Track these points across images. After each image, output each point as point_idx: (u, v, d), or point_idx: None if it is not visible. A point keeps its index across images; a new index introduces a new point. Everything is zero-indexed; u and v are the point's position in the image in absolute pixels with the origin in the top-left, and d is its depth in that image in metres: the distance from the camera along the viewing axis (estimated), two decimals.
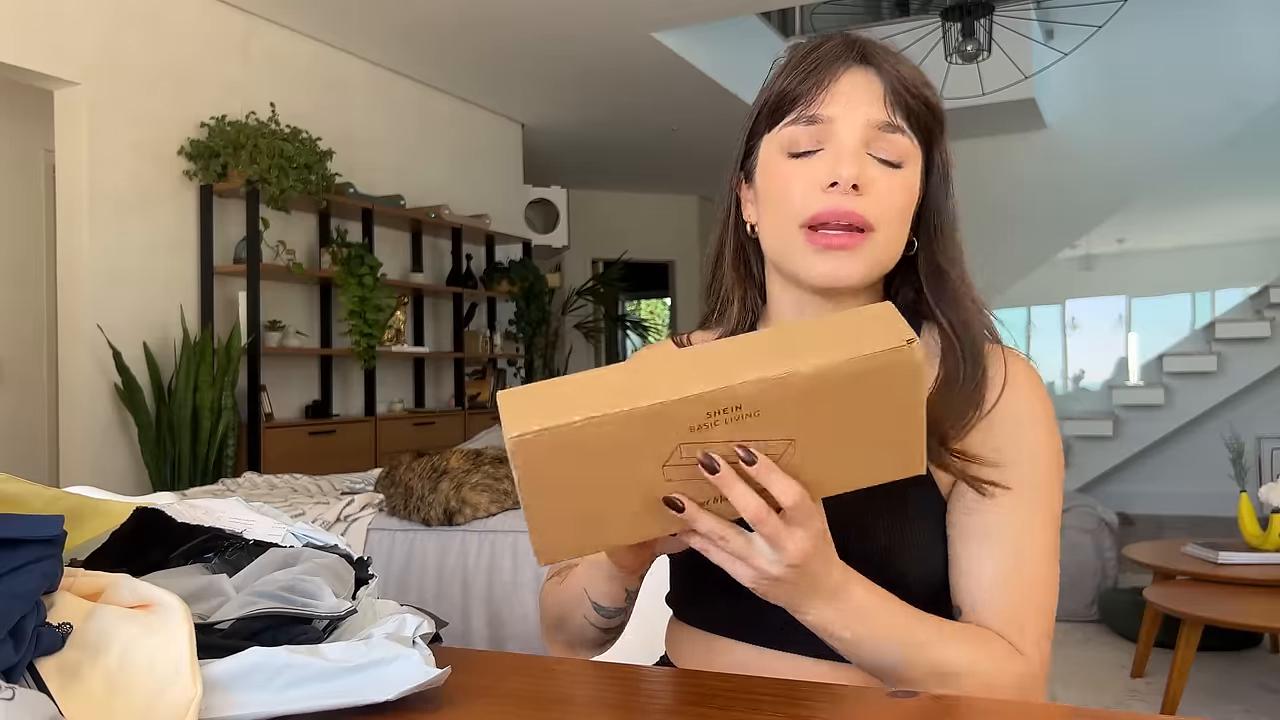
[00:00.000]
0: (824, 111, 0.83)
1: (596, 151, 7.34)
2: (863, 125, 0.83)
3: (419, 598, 2.42)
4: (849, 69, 0.84)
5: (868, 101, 0.83)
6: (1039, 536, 0.83)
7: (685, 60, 5.33)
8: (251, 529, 0.84)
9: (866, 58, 0.85)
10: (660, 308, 11.74)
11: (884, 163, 0.83)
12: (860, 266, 0.83)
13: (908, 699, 0.69)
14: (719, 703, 0.68)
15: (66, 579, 0.66)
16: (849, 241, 0.82)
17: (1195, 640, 2.84)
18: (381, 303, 4.65)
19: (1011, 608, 0.80)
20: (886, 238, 0.83)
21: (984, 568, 0.82)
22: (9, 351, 4.56)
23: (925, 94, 0.85)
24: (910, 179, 0.85)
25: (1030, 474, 0.84)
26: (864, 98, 0.83)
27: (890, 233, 0.84)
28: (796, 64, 0.86)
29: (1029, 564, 0.82)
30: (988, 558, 0.82)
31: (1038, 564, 0.82)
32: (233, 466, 4.08)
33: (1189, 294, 8.07)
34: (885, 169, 0.83)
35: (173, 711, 0.59)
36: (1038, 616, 0.81)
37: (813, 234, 0.83)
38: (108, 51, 3.92)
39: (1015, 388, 0.86)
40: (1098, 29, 5.43)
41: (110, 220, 3.92)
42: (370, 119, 5.27)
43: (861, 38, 0.87)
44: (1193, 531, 5.73)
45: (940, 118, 0.87)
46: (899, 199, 0.83)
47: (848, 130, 0.83)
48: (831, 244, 0.82)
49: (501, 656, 0.81)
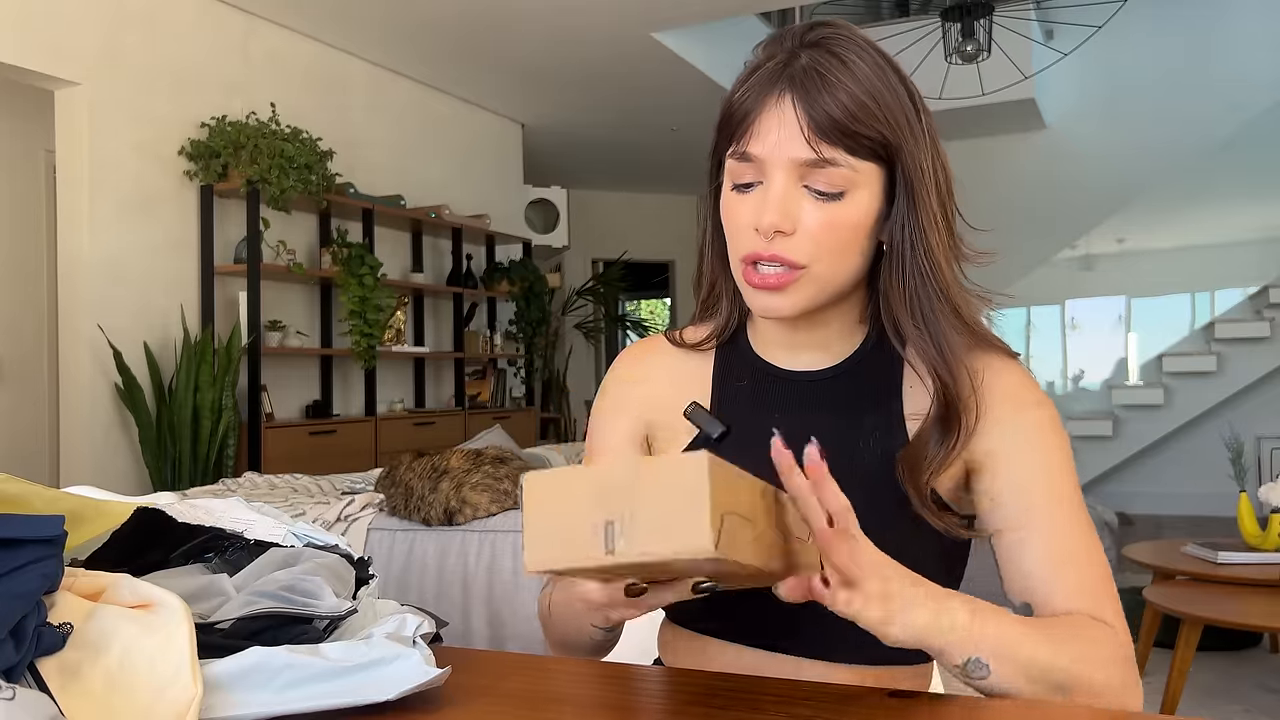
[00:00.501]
0: (752, 150, 0.81)
1: (596, 151, 7.34)
2: (786, 165, 0.80)
3: (419, 598, 2.42)
4: (776, 101, 0.80)
5: (790, 140, 0.79)
6: (1075, 516, 0.83)
7: (685, 60, 5.33)
8: (252, 529, 0.84)
9: (798, 83, 0.79)
10: (660, 308, 11.74)
11: (821, 194, 0.80)
12: (794, 300, 0.83)
13: (908, 699, 0.69)
14: (719, 702, 0.68)
15: (67, 579, 0.66)
16: (779, 282, 0.82)
17: (1195, 640, 2.84)
18: (382, 303, 4.65)
19: (1083, 587, 0.80)
20: (821, 270, 0.82)
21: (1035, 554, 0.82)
22: (9, 351, 4.56)
23: (870, 117, 0.79)
24: (853, 207, 0.81)
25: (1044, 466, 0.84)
26: (787, 136, 0.79)
27: (827, 264, 0.82)
28: (741, 81, 0.84)
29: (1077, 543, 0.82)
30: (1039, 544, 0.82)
31: (1083, 541, 0.82)
32: (233, 466, 4.08)
33: (1188, 294, 8.06)
34: (820, 202, 0.81)
35: (173, 711, 0.59)
36: (1107, 588, 0.81)
37: (750, 270, 0.83)
38: (108, 51, 3.92)
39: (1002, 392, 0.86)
40: (1097, 29, 5.43)
41: (110, 220, 3.92)
42: (370, 119, 5.27)
43: (800, 59, 0.81)
44: (1192, 531, 5.73)
45: (899, 132, 0.81)
46: (836, 232, 0.81)
47: (773, 170, 0.81)
48: (765, 283, 0.82)
49: (501, 656, 0.81)
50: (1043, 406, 0.87)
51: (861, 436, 0.87)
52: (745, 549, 0.59)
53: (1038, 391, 0.88)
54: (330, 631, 0.73)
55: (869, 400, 0.89)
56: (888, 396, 0.89)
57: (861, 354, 0.91)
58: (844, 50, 0.81)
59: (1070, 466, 0.85)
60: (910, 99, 0.83)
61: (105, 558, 0.81)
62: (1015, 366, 0.88)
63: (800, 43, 0.83)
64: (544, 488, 0.59)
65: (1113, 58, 6.48)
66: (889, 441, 0.87)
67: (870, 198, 0.82)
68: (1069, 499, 0.83)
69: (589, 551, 0.56)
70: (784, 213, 0.80)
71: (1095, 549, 0.82)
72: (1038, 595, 0.82)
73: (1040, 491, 0.83)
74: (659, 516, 0.56)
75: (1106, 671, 0.75)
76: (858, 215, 0.82)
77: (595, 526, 0.56)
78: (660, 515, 0.56)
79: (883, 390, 0.89)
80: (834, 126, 0.79)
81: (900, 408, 0.88)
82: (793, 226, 0.81)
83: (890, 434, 0.87)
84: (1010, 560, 0.84)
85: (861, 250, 0.84)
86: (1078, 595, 0.80)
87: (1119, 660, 0.76)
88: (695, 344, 0.97)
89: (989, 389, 0.85)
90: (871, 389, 0.89)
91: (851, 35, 0.82)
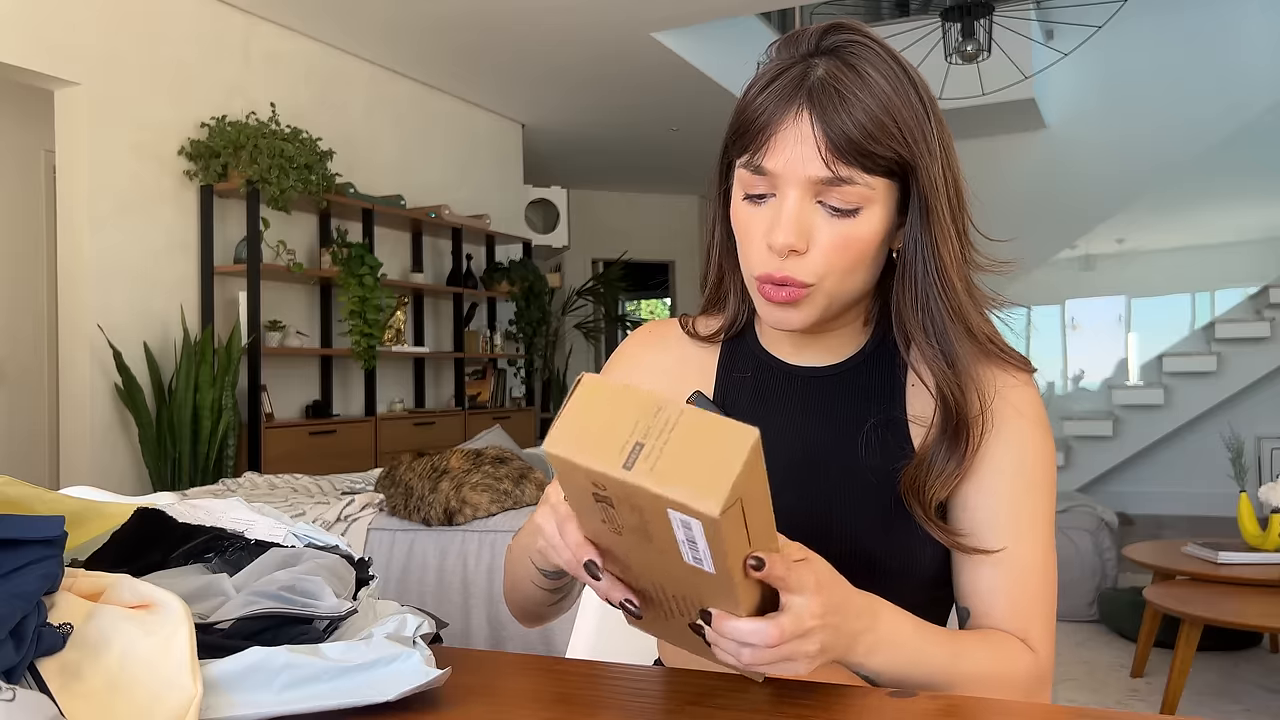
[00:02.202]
0: (767, 164, 0.81)
1: (596, 151, 7.34)
2: (802, 182, 0.80)
3: (419, 598, 2.42)
4: (794, 117, 0.79)
5: (806, 159, 0.79)
6: (1038, 538, 0.86)
7: (685, 60, 5.33)
8: (252, 529, 0.84)
9: (815, 100, 0.79)
10: (660, 308, 11.74)
11: (835, 211, 0.81)
12: (806, 315, 0.84)
13: (908, 699, 0.69)
14: (719, 702, 0.68)
15: (67, 579, 0.66)
16: (789, 298, 0.83)
17: (1195, 640, 2.85)
18: (382, 303, 4.66)
19: (1019, 608, 0.84)
20: (832, 287, 0.83)
21: (989, 571, 0.85)
22: (9, 351, 4.56)
23: (886, 135, 0.79)
24: (867, 224, 0.81)
25: (1023, 477, 0.86)
26: (804, 155, 0.79)
27: (837, 280, 0.83)
28: (759, 89, 0.82)
29: (1031, 565, 0.85)
30: (991, 562, 0.85)
31: (1039, 564, 0.85)
32: (233, 466, 4.09)
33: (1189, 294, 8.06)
34: (834, 219, 0.81)
35: (173, 711, 0.59)
36: (1044, 614, 0.84)
37: (762, 285, 0.84)
38: (108, 51, 3.92)
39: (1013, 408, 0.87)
40: (1097, 29, 5.43)
41: (110, 220, 3.92)
42: (370, 119, 5.28)
43: (817, 70, 0.80)
44: (1192, 531, 5.73)
45: (914, 149, 0.80)
46: (849, 250, 0.81)
47: (787, 187, 0.80)
48: (774, 299, 0.83)
49: (501, 656, 0.81)
50: (1039, 427, 0.88)
51: (862, 433, 0.89)
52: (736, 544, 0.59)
53: (1041, 412, 0.89)
54: (330, 632, 0.73)
55: (871, 398, 0.90)
56: (890, 395, 0.90)
57: (865, 353, 0.91)
58: (861, 62, 0.80)
59: (1051, 491, 0.87)
60: (925, 109, 0.82)
61: (105, 558, 0.81)
62: (1026, 383, 0.89)
63: (816, 49, 0.82)
64: (598, 390, 0.60)
65: (1113, 58, 6.48)
66: (890, 439, 0.88)
67: (883, 212, 0.82)
68: (1041, 523, 0.86)
69: (608, 459, 0.58)
70: (798, 232, 0.80)
71: (1049, 573, 0.85)
72: (978, 608, 0.85)
73: (1012, 511, 0.85)
74: (685, 463, 0.57)
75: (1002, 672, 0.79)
76: (871, 231, 0.82)
77: (625, 443, 0.58)
78: (687, 462, 0.57)
79: (885, 389, 0.90)
80: (851, 146, 0.78)
81: (903, 407, 0.89)
82: (806, 245, 0.81)
83: (891, 432, 0.88)
84: (964, 567, 0.86)
85: (874, 263, 0.85)
86: (1013, 618, 0.84)
87: (1026, 682, 0.81)
88: (706, 336, 0.98)
89: (1000, 403, 0.87)
90: (874, 387, 0.90)
91: (868, 42, 0.82)
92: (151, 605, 0.65)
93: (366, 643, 0.68)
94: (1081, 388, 8.08)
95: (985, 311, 0.88)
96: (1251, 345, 6.42)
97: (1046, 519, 0.86)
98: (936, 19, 5.19)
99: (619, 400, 0.60)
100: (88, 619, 0.63)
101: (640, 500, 0.58)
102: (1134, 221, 7.12)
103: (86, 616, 0.63)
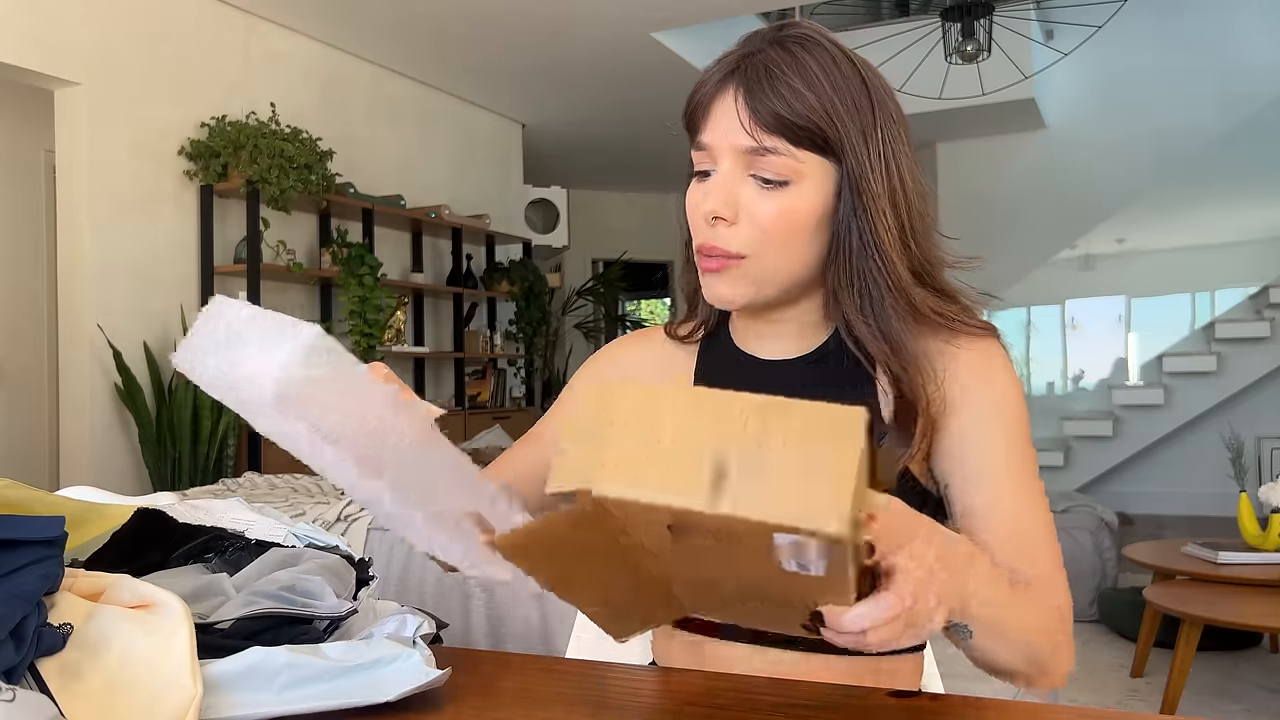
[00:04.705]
0: (704, 138, 0.85)
1: (596, 151, 7.34)
2: (730, 152, 0.84)
3: (419, 598, 2.42)
4: (724, 92, 0.84)
5: (732, 130, 0.83)
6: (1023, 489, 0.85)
7: (685, 60, 5.33)
8: (252, 529, 0.84)
9: (745, 76, 0.83)
10: (660, 308, 11.74)
11: (765, 182, 0.83)
12: (737, 290, 0.86)
13: (908, 699, 0.69)
14: (718, 702, 0.68)
15: (67, 580, 0.66)
16: (718, 267, 0.85)
17: (1195, 640, 2.84)
18: (381, 303, 4.65)
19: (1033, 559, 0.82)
20: (765, 261, 0.85)
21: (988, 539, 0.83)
22: (9, 351, 4.56)
23: (808, 109, 0.81)
24: (799, 197, 0.83)
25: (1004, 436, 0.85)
26: (730, 126, 0.83)
27: (770, 255, 0.84)
28: (704, 75, 0.87)
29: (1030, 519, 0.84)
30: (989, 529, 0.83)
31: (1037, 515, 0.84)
32: (233, 467, 4.08)
33: (1189, 294, 8.05)
34: (765, 190, 0.83)
35: (173, 711, 0.59)
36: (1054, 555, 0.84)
37: (700, 259, 0.87)
38: (108, 51, 3.92)
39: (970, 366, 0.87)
40: (1097, 29, 5.43)
41: (110, 220, 3.92)
42: (370, 119, 5.27)
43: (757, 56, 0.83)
44: (1192, 531, 5.72)
45: (839, 128, 0.82)
46: (779, 223, 0.83)
47: (720, 157, 0.84)
48: (707, 268, 0.86)
49: (501, 656, 0.81)
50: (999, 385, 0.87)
51: None
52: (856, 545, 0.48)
53: (1001, 366, 0.88)
54: (330, 632, 0.73)
55: (842, 385, 0.90)
56: (860, 382, 0.90)
57: (832, 344, 0.92)
58: (801, 51, 0.83)
59: (1027, 435, 0.87)
60: (868, 97, 0.84)
61: (105, 558, 0.81)
62: (987, 341, 0.89)
63: (766, 41, 0.86)
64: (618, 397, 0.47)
65: (1113, 58, 6.47)
66: None
67: (817, 191, 0.84)
68: (1026, 475, 0.85)
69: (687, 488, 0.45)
70: (725, 200, 0.84)
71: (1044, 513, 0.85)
72: None
73: (999, 459, 0.85)
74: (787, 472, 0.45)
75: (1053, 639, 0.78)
76: (803, 205, 0.84)
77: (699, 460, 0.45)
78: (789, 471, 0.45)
79: (856, 376, 0.90)
80: (774, 118, 0.81)
81: (875, 391, 0.89)
82: (734, 214, 0.84)
83: None
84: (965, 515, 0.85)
85: (808, 242, 0.86)
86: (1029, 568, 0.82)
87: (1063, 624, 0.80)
88: (684, 337, 1.01)
89: (958, 368, 0.87)
90: (844, 374, 0.90)
91: (818, 38, 0.85)
92: (151, 605, 0.65)
93: (366, 643, 0.68)
94: (1081, 387, 8.08)
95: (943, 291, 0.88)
96: (1251, 345, 6.42)
97: (1029, 468, 0.86)
98: (936, 19, 5.19)
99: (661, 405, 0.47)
100: (88, 619, 0.63)
101: (735, 528, 0.46)
102: (1134, 221, 7.12)
103: (86, 617, 0.63)
